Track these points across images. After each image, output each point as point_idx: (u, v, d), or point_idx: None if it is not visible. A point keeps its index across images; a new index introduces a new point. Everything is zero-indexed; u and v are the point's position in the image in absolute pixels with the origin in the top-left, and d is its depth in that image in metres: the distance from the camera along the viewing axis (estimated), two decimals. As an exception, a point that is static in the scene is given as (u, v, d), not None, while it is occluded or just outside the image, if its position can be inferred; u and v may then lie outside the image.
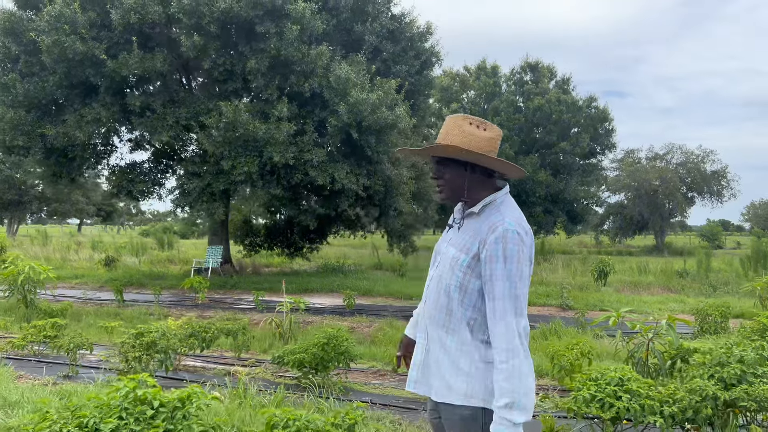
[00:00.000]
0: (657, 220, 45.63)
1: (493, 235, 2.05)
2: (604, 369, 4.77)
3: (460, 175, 2.17)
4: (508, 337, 2.00)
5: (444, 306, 2.17)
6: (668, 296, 14.57)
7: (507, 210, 2.14)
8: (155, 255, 27.34)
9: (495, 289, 2.03)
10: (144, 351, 6.20)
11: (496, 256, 2.04)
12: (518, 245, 2.05)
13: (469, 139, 2.14)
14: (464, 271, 2.12)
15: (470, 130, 2.15)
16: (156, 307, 13.26)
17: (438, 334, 2.19)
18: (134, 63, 13.25)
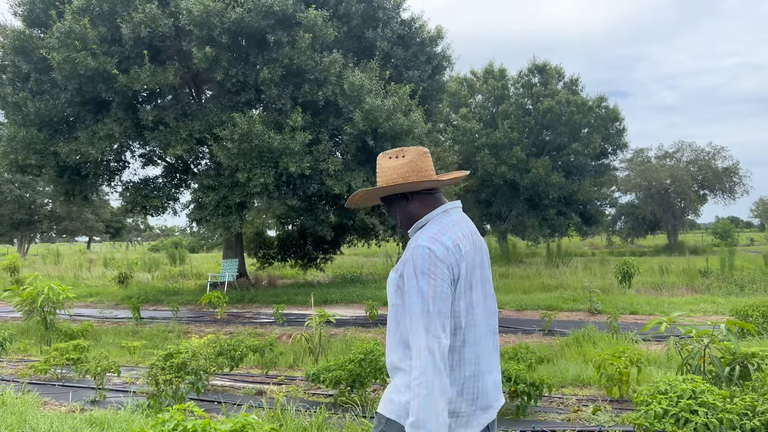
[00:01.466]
0: (669, 219, 45.24)
1: (408, 252, 2.09)
2: (672, 380, 4.48)
3: (400, 207, 2.26)
4: (420, 355, 1.98)
5: (390, 326, 2.17)
6: (697, 297, 14.20)
7: (429, 227, 2.16)
8: (167, 270, 27.19)
9: (408, 306, 2.04)
10: (174, 373, 5.93)
11: (407, 274, 2.06)
12: (427, 261, 2.04)
13: (385, 174, 2.23)
14: (396, 292, 2.14)
15: (387, 165, 2.24)
16: (175, 323, 13.02)
17: (388, 354, 2.19)
18: (146, 77, 13.07)
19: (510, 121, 28.37)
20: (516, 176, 27.79)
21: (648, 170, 44.04)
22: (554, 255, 25.25)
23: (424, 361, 1.97)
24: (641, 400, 4.36)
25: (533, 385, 5.85)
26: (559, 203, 29.52)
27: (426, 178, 2.20)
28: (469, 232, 2.23)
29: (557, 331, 10.68)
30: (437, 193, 2.27)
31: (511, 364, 6.08)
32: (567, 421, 5.73)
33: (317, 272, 23.63)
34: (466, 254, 2.12)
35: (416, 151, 2.24)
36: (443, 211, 2.23)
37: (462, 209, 2.33)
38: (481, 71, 31.65)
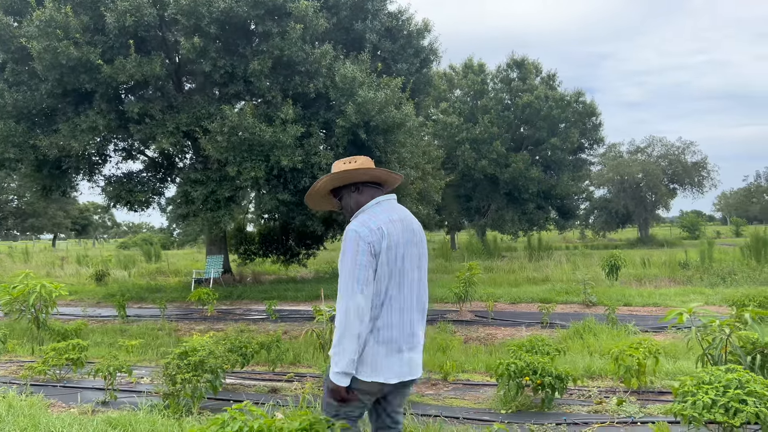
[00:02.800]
0: (641, 213, 46.10)
1: (344, 235, 2.74)
2: (715, 371, 4.47)
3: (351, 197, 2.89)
4: (339, 312, 2.68)
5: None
6: (686, 288, 14.44)
7: (361, 215, 2.78)
8: (144, 267, 26.60)
9: (341, 274, 2.69)
10: (193, 372, 5.72)
11: (342, 250, 2.71)
12: (354, 241, 2.67)
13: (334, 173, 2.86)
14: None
15: (342, 167, 2.88)
16: (163, 321, 12.71)
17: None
18: (132, 67, 12.67)
19: (490, 115, 28.48)
20: (496, 171, 27.93)
21: (620, 165, 44.81)
22: (535, 248, 25.44)
23: (343, 315, 2.65)
24: (685, 390, 4.33)
25: (558, 378, 5.81)
26: (538, 197, 29.79)
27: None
28: (398, 217, 2.81)
29: (556, 324, 10.70)
30: (381, 189, 2.90)
31: (534, 357, 6.03)
32: (594, 413, 5.71)
33: (300, 268, 23.37)
34: (389, 234, 2.71)
35: (365, 158, 2.90)
36: (376, 203, 2.84)
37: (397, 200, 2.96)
38: (460, 66, 31.72)
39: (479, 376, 7.82)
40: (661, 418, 5.40)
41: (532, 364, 5.84)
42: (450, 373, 7.39)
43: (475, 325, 11.34)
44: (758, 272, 17.07)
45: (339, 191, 2.93)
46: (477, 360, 8.46)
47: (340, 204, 2.95)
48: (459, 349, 8.38)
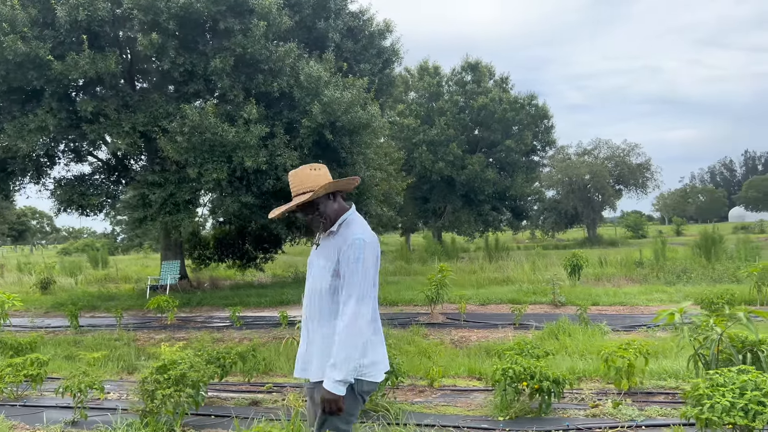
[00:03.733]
0: (589, 213, 47.25)
1: (346, 243, 2.78)
2: (725, 372, 4.42)
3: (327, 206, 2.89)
4: (350, 317, 2.71)
5: (318, 306, 2.86)
6: (648, 287, 14.72)
7: (356, 224, 2.88)
8: (91, 274, 25.45)
9: (350, 282, 2.74)
10: (174, 387, 5.33)
11: (351, 260, 2.75)
12: (363, 248, 2.77)
13: (314, 180, 2.85)
14: (332, 275, 2.81)
15: (312, 174, 2.88)
16: (120, 331, 12.09)
17: (316, 329, 2.87)
18: (85, 64, 11.99)
19: (446, 118, 28.58)
20: (453, 172, 28.05)
21: (569, 167, 45.80)
22: (493, 249, 25.62)
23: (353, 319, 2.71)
24: (700, 393, 4.26)
25: (556, 382, 5.69)
26: (493, 199, 30.07)
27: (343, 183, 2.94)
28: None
29: (529, 325, 10.68)
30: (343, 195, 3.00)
31: (529, 361, 5.90)
32: (592, 417, 5.62)
33: (257, 272, 22.81)
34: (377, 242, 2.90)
35: (324, 166, 2.97)
36: (353, 211, 2.95)
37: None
38: (415, 68, 31.75)
39: (463, 381, 7.67)
40: (660, 421, 5.36)
41: (529, 369, 5.70)
42: (436, 379, 7.20)
43: (448, 327, 11.21)
44: (710, 270, 17.56)
45: (318, 199, 2.91)
46: (458, 364, 8.31)
47: (313, 211, 2.91)
48: (444, 354, 8.20)
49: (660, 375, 7.05)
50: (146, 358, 10.27)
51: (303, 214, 2.96)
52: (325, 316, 2.85)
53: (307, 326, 2.96)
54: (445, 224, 31.30)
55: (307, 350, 2.95)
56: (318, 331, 2.87)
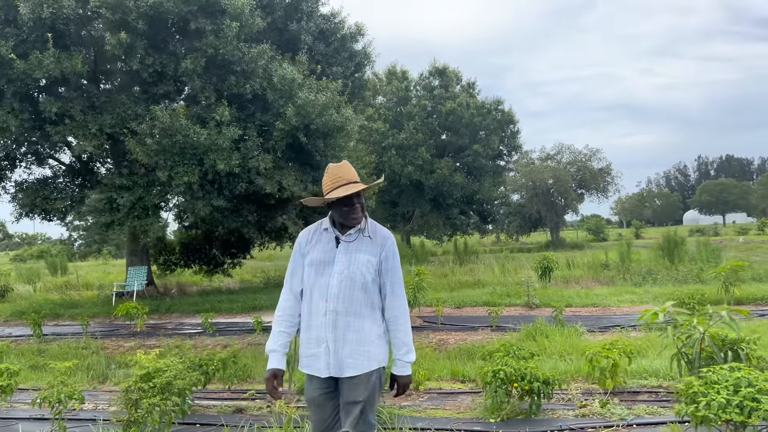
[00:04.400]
0: (552, 217, 47.99)
1: (389, 240, 3.02)
2: (717, 370, 4.49)
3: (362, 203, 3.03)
4: (405, 306, 3.04)
5: (359, 299, 2.93)
6: (617, 288, 14.98)
7: (381, 226, 3.08)
8: (50, 281, 24.64)
9: (395, 276, 3.02)
10: (160, 395, 5.15)
11: (394, 254, 3.02)
12: (397, 248, 3.08)
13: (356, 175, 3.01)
14: (375, 269, 2.97)
15: (353, 169, 3.06)
16: (87, 339, 11.72)
17: (353, 322, 2.91)
18: (50, 63, 11.60)
19: (414, 122, 28.67)
20: (422, 176, 28.14)
21: (532, 171, 46.45)
22: (462, 252, 25.77)
23: (407, 311, 3.05)
24: (695, 391, 4.32)
25: (545, 383, 5.71)
26: (461, 203, 30.26)
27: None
28: None
29: (506, 327, 10.74)
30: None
31: (519, 363, 5.91)
32: (582, 417, 5.65)
33: (224, 278, 22.42)
34: None
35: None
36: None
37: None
38: (383, 73, 31.78)
39: (447, 384, 7.65)
40: (653, 419, 5.42)
41: (520, 370, 5.71)
42: (421, 382, 7.16)
43: (426, 330, 11.19)
44: (673, 271, 17.98)
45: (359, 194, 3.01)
46: (440, 367, 8.30)
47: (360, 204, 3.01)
48: (430, 357, 8.17)
49: (641, 374, 7.15)
50: (117, 366, 9.97)
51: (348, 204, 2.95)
52: (366, 309, 2.94)
53: (336, 321, 2.90)
54: (413, 228, 31.37)
55: (338, 348, 2.90)
56: (354, 324, 2.91)
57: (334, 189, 2.95)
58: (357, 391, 2.86)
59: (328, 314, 2.92)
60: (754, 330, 8.45)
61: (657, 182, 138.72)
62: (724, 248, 24.33)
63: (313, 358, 2.98)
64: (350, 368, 2.90)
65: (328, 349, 2.92)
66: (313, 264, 3.03)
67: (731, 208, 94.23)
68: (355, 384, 2.87)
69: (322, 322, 2.94)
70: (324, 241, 3.03)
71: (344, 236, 3.00)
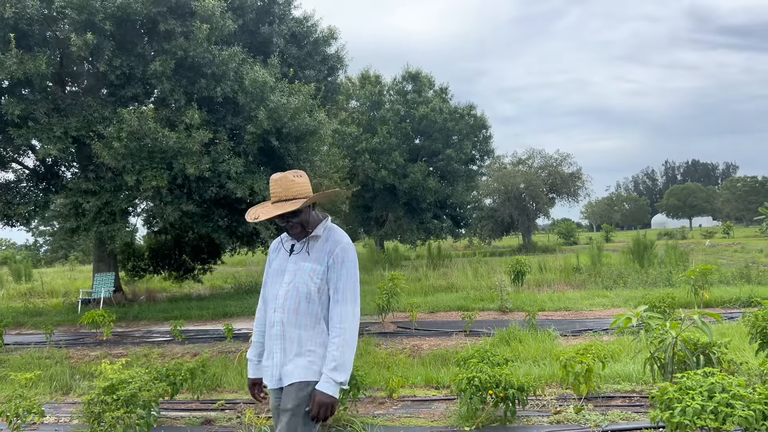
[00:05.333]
0: (524, 221, 48.41)
1: (339, 247, 2.85)
2: (692, 375, 4.48)
3: (309, 214, 2.89)
4: (351, 319, 2.79)
5: (303, 310, 2.81)
6: (590, 292, 15.09)
7: (337, 229, 2.96)
8: (14, 288, 23.97)
9: (340, 283, 2.81)
10: (124, 408, 4.96)
11: (346, 261, 2.83)
12: (353, 251, 2.90)
13: (302, 188, 2.85)
14: (321, 278, 2.82)
15: (300, 181, 2.86)
16: (51, 348, 11.34)
17: (298, 333, 2.80)
18: (12, 64, 11.24)
19: (388, 126, 28.64)
20: (395, 181, 28.11)
21: (505, 176, 46.83)
22: (435, 257, 25.80)
23: (353, 321, 2.79)
24: (670, 397, 4.30)
25: (520, 389, 5.66)
26: (434, 207, 30.31)
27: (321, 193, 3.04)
28: None
29: (480, 332, 10.70)
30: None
31: (495, 369, 5.85)
32: (557, 424, 5.61)
33: (195, 284, 22.05)
34: None
35: (305, 173, 2.94)
36: (330, 218, 3.01)
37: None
38: (357, 77, 31.71)
39: (421, 391, 7.55)
40: (628, 425, 5.40)
41: (494, 377, 5.64)
42: (395, 390, 7.06)
43: (399, 336, 11.09)
44: (643, 275, 18.21)
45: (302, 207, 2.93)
46: (414, 373, 8.20)
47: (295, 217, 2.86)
48: (404, 364, 8.07)
49: (614, 379, 7.15)
50: (82, 377, 9.67)
51: (282, 220, 2.88)
52: (309, 320, 2.82)
53: (284, 333, 2.84)
54: (387, 232, 31.31)
55: (284, 359, 2.85)
56: (296, 335, 2.82)
57: (259, 208, 2.92)
58: (287, 398, 2.79)
59: (276, 326, 2.88)
60: (724, 333, 8.55)
61: (626, 186, 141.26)
62: (691, 252, 24.80)
63: (266, 369, 2.96)
64: (286, 377, 2.84)
65: (274, 362, 2.89)
66: (272, 273, 3.02)
67: (697, 211, 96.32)
68: (287, 392, 2.81)
69: (272, 334, 2.91)
70: (283, 250, 3.00)
71: (298, 244, 2.93)
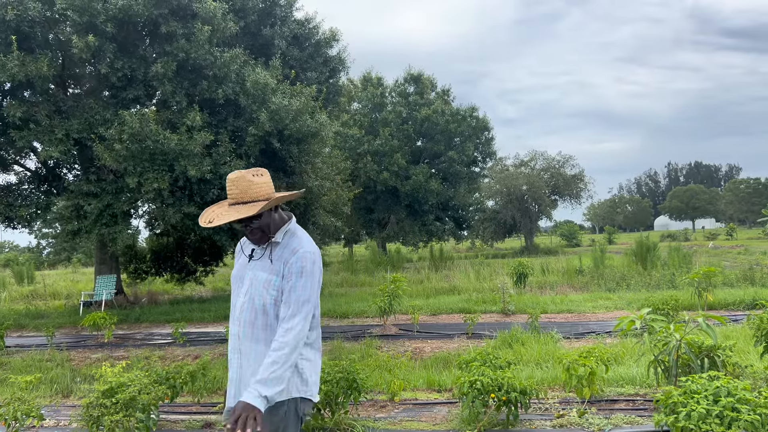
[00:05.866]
0: (526, 223, 48.33)
1: (295, 256, 2.56)
2: (696, 379, 4.43)
3: (270, 217, 2.61)
4: (296, 335, 2.50)
5: (260, 323, 2.58)
6: (593, 294, 15.03)
7: (302, 235, 2.68)
8: (16, 291, 23.98)
9: (291, 296, 2.54)
10: (123, 411, 4.92)
11: (297, 273, 2.55)
12: (313, 262, 2.60)
13: (261, 188, 2.57)
14: (277, 289, 2.57)
15: (259, 181, 2.58)
16: (52, 351, 11.31)
17: (254, 348, 2.58)
18: (14, 66, 11.23)
19: (390, 128, 28.62)
20: (397, 183, 28.08)
21: (507, 177, 46.76)
22: (437, 259, 25.74)
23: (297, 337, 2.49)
24: (674, 401, 4.25)
25: (523, 392, 5.61)
26: (436, 209, 30.27)
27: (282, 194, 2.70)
28: None
29: (482, 334, 10.65)
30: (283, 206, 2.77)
31: (497, 372, 5.80)
32: (560, 428, 5.56)
33: (196, 286, 22.03)
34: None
35: (266, 171, 2.70)
36: (295, 222, 2.74)
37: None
38: (359, 79, 31.72)
39: (423, 394, 7.50)
40: (630, 429, 5.35)
41: (497, 380, 5.60)
42: (397, 393, 7.01)
43: (401, 339, 11.05)
44: (647, 277, 18.13)
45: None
46: (416, 376, 8.15)
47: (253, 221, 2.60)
48: (405, 367, 8.02)
49: (617, 382, 7.10)
50: (83, 379, 9.64)
51: (241, 225, 2.62)
52: (266, 334, 2.58)
53: (240, 348, 2.63)
54: (389, 234, 31.27)
55: (243, 375, 2.61)
56: (253, 351, 2.59)
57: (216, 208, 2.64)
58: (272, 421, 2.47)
59: (233, 338, 2.70)
60: (728, 336, 8.48)
61: (628, 188, 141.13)
62: (694, 253, 24.72)
63: (230, 382, 2.75)
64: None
65: (234, 378, 2.69)
66: (232, 280, 2.83)
67: (700, 213, 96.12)
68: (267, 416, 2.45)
69: (231, 346, 2.72)
70: (243, 255, 2.76)
71: (258, 250, 2.69)
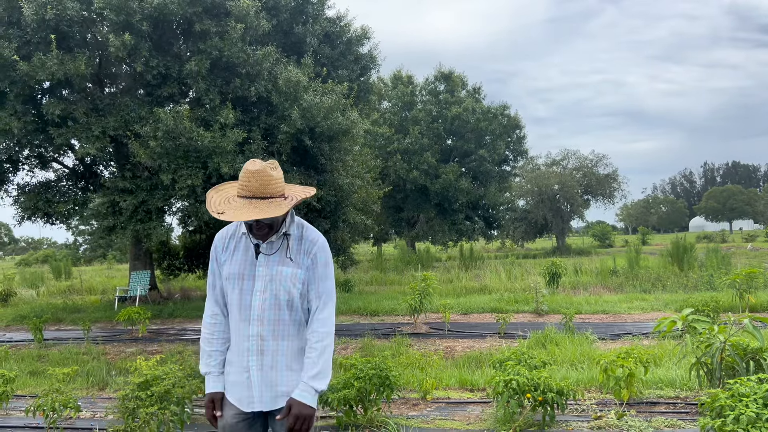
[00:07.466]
0: (558, 223, 47.67)
1: (316, 246, 2.52)
2: (745, 381, 4.27)
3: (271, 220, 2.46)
4: (331, 324, 2.51)
5: (286, 319, 2.49)
6: (628, 295, 14.73)
7: (311, 227, 2.61)
8: (54, 286, 24.54)
9: (322, 287, 2.53)
10: (158, 404, 4.95)
11: (323, 263, 2.53)
12: (329, 253, 2.60)
13: (279, 183, 2.43)
14: (303, 283, 2.51)
15: (275, 175, 2.43)
16: (88, 344, 11.52)
17: (280, 345, 2.49)
18: (53, 65, 11.45)
19: (420, 127, 28.52)
20: (427, 181, 27.96)
21: (539, 177, 46.19)
22: (467, 258, 25.55)
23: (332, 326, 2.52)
24: (721, 404, 4.09)
25: (560, 393, 5.48)
26: (466, 208, 30.06)
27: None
28: None
29: (515, 334, 10.50)
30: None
31: (533, 372, 5.68)
32: (598, 430, 5.42)
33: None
34: None
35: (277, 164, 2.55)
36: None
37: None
38: (389, 78, 31.68)
39: (455, 393, 7.41)
40: None
41: (533, 380, 5.48)
42: (429, 391, 6.93)
43: (432, 337, 10.97)
44: (683, 278, 17.72)
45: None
46: (448, 375, 8.06)
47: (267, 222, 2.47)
48: (437, 365, 7.94)
49: (656, 384, 6.91)
50: (117, 372, 9.77)
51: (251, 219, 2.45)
52: (291, 330, 2.50)
53: (261, 349, 2.47)
54: (418, 233, 31.16)
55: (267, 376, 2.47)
56: (280, 348, 2.48)
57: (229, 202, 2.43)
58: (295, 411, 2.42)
59: (252, 340, 2.48)
60: (773, 338, 8.19)
61: (663, 188, 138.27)
62: (733, 255, 24.09)
63: (235, 386, 2.55)
64: (285, 396, 2.48)
65: (250, 381, 2.49)
66: (231, 278, 2.54)
67: (738, 214, 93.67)
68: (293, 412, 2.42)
69: (245, 347, 2.50)
70: (242, 250, 2.54)
71: (265, 245, 2.49)
